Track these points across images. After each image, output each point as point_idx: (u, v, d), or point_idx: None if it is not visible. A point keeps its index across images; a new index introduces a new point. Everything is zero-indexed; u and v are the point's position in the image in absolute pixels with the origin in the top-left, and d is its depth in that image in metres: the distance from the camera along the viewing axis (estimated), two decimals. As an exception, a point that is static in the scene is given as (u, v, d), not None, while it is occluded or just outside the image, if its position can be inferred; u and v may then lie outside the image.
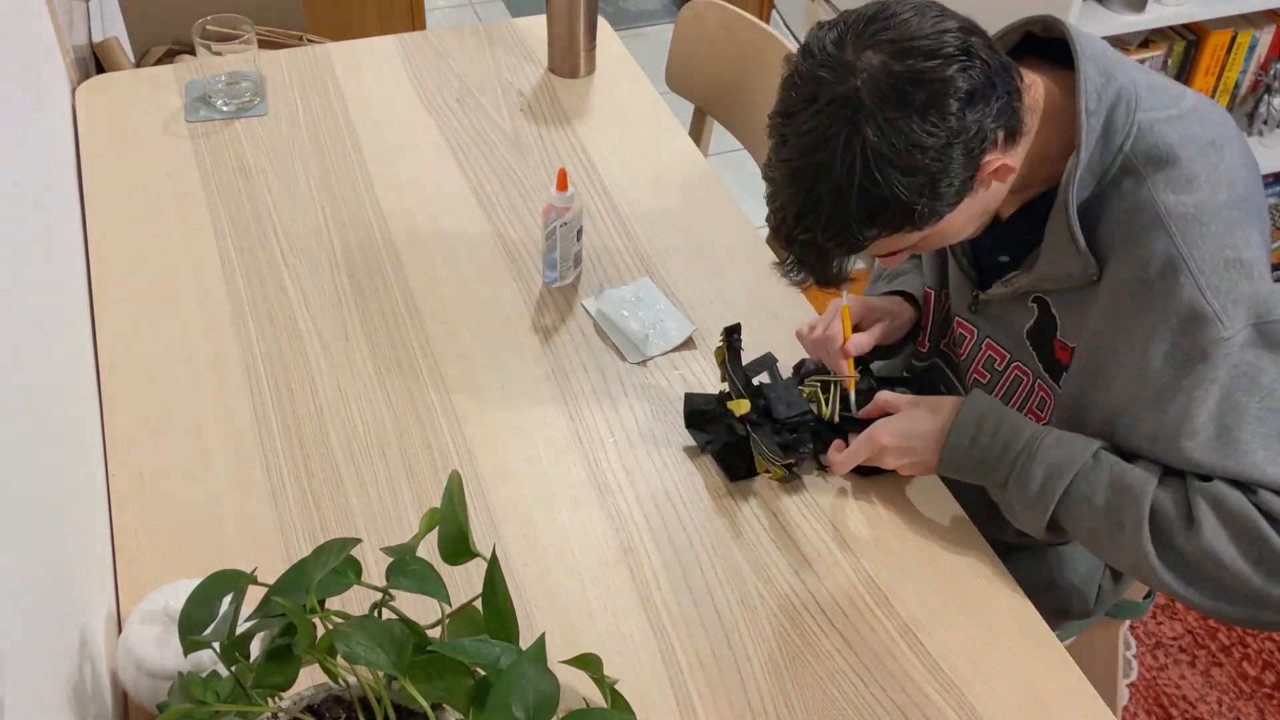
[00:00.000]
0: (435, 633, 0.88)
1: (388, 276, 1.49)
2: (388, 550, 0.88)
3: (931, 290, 1.35)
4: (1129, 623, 1.49)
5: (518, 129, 1.75)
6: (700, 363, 1.40)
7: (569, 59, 1.85)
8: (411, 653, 0.80)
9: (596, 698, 1.03)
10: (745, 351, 1.30)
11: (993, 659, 1.11)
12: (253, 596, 0.86)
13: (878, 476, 1.27)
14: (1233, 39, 2.35)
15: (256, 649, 0.89)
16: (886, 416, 1.22)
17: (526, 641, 0.83)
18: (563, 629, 1.12)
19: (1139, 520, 1.06)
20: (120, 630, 1.06)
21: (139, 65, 2.17)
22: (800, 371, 1.33)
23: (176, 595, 1.00)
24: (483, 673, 0.82)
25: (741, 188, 2.84)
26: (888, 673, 1.10)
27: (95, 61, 2.04)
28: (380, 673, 0.82)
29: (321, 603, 0.83)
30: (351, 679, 0.88)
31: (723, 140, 2.49)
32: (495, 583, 0.86)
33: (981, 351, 1.27)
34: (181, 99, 1.76)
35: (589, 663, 0.87)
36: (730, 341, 1.26)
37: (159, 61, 2.18)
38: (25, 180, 1.24)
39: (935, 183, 1.00)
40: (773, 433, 1.24)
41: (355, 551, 1.12)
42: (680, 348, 1.41)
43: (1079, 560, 1.35)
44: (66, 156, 1.59)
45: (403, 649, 0.79)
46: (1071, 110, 1.09)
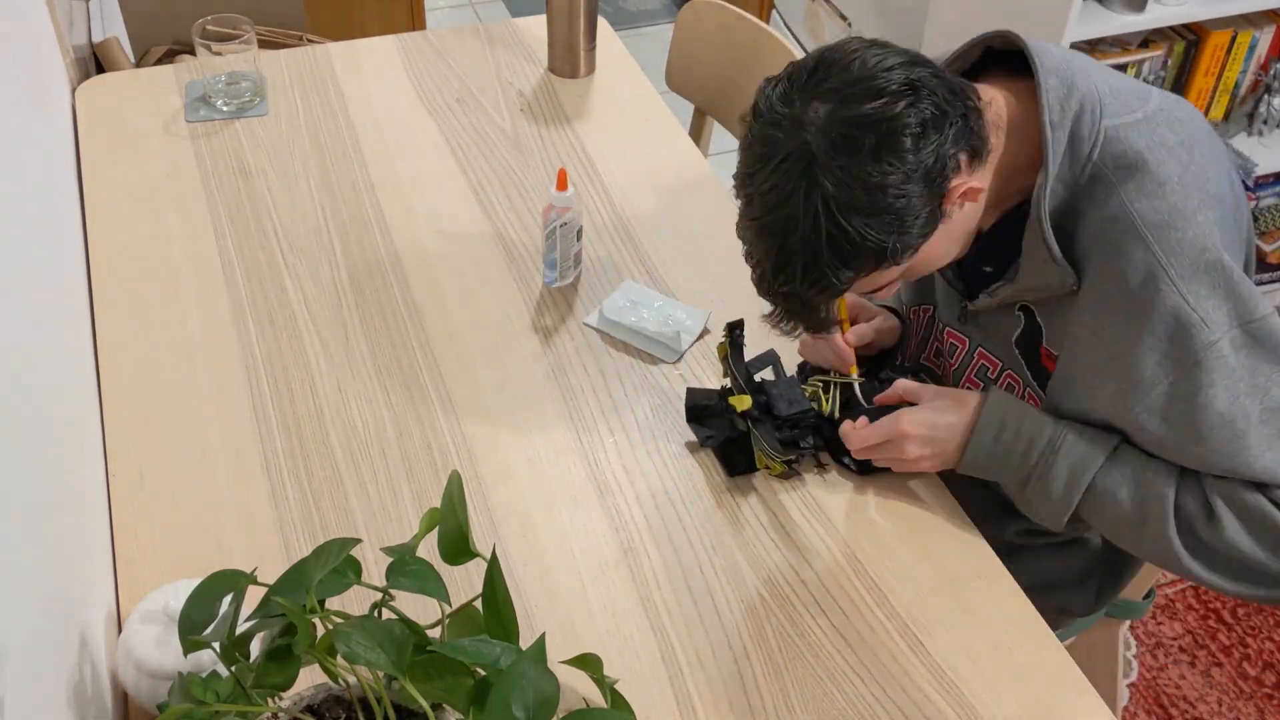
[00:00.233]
0: (435, 633, 0.88)
1: (388, 276, 1.49)
2: (388, 550, 0.88)
3: (913, 307, 1.35)
4: (1129, 623, 1.49)
5: (518, 129, 1.75)
6: (701, 362, 1.40)
7: (569, 59, 1.85)
8: (411, 653, 0.80)
9: (596, 698, 1.03)
10: (747, 349, 1.30)
11: (993, 659, 1.11)
12: (253, 596, 0.86)
13: (878, 475, 1.26)
14: (1233, 39, 2.35)
15: (256, 649, 0.89)
16: (907, 406, 1.21)
17: (526, 641, 0.83)
18: (563, 629, 1.12)
19: (1164, 515, 1.09)
20: (120, 630, 1.06)
21: (139, 65, 2.17)
22: (804, 371, 1.33)
23: (176, 595, 1.00)
24: (483, 673, 0.82)
25: (741, 188, 2.83)
26: (888, 673, 1.10)
27: (95, 61, 2.04)
28: (380, 673, 0.82)
29: (321, 603, 0.83)
30: (351, 679, 0.88)
31: (723, 140, 2.49)
32: (495, 583, 0.86)
33: (974, 361, 1.27)
34: (181, 99, 1.76)
35: (589, 663, 0.87)
36: (733, 337, 1.26)
37: (159, 61, 2.18)
38: (25, 180, 1.24)
39: (901, 219, 1.01)
40: (773, 429, 1.24)
41: (355, 551, 1.12)
42: (699, 336, 1.41)
43: (1078, 560, 1.35)
44: (66, 156, 1.59)
45: (403, 649, 0.79)
46: (1030, 116, 1.08)
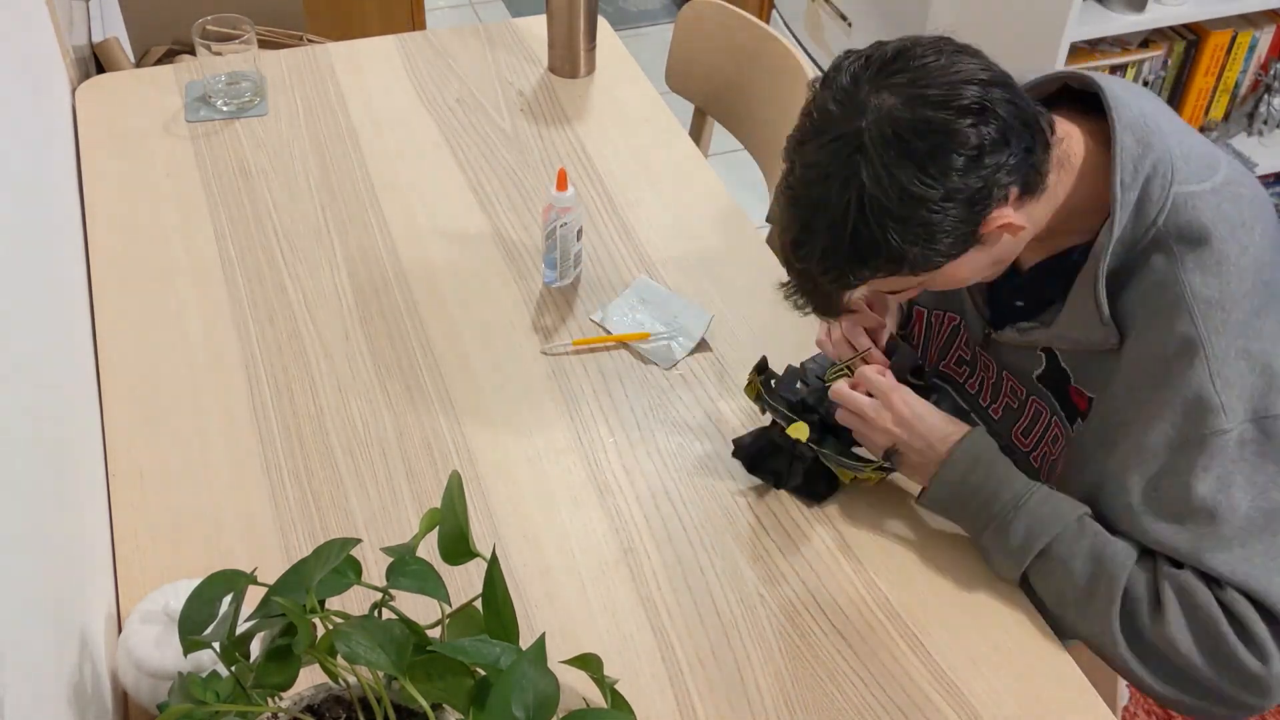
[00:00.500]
0: (435, 633, 0.88)
1: (388, 276, 1.49)
2: (388, 550, 0.88)
3: (924, 310, 1.34)
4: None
5: (518, 129, 1.75)
6: (701, 361, 1.39)
7: (569, 59, 1.85)
8: (411, 653, 0.80)
9: (596, 698, 1.03)
10: (746, 348, 1.30)
11: (993, 659, 1.11)
12: (253, 596, 0.86)
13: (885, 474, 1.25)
14: (1233, 39, 2.35)
15: (256, 649, 0.89)
16: (877, 402, 1.18)
17: (526, 641, 0.83)
18: (563, 629, 1.12)
19: (1111, 595, 1.07)
20: (120, 630, 1.06)
21: (139, 65, 2.17)
22: (804, 373, 1.32)
23: (176, 595, 1.00)
24: (483, 673, 0.82)
25: (741, 188, 2.84)
26: (888, 673, 1.10)
27: (95, 61, 2.04)
28: (380, 673, 0.82)
29: (321, 603, 0.83)
30: (351, 679, 0.88)
31: (723, 140, 2.49)
32: (495, 583, 0.86)
33: (1004, 384, 1.27)
34: (181, 99, 1.76)
35: (589, 663, 0.87)
36: (763, 378, 1.24)
37: (159, 61, 2.18)
38: (25, 180, 1.24)
39: (931, 234, 0.99)
40: (836, 440, 1.22)
41: (355, 551, 1.12)
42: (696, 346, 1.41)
43: None
44: (66, 156, 1.59)
45: (403, 649, 0.79)
46: (1106, 166, 1.06)
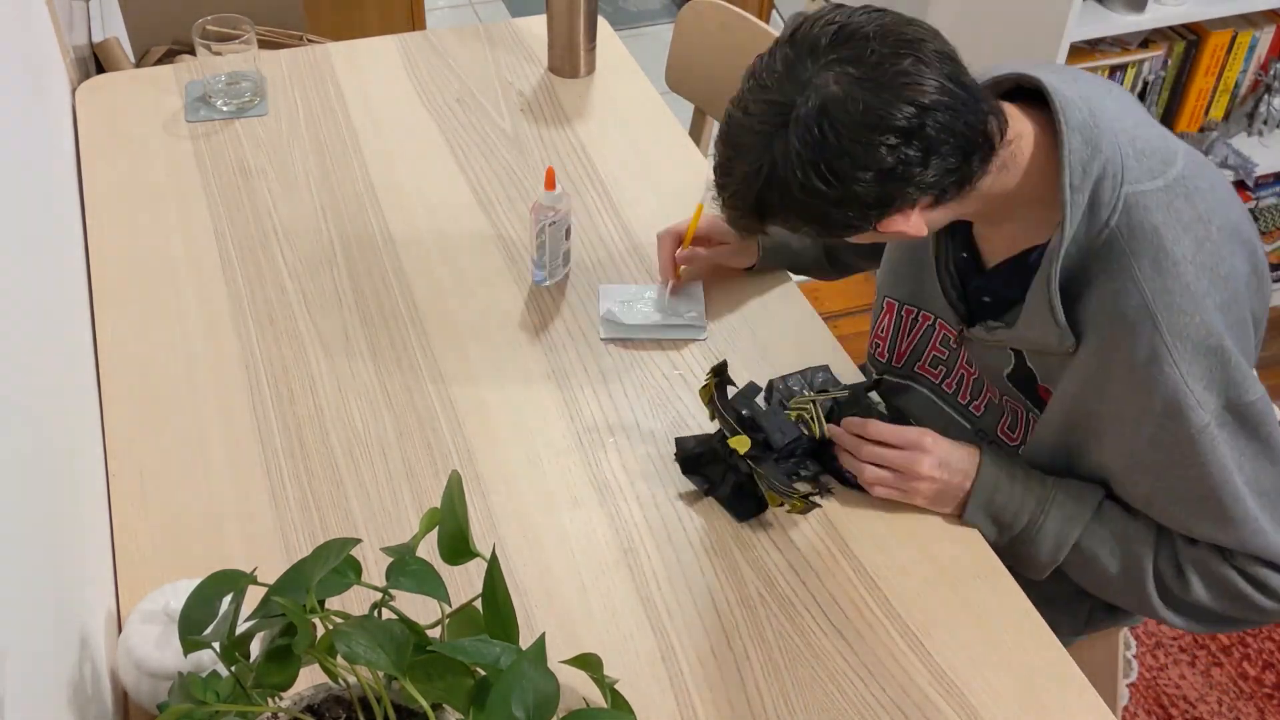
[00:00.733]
0: (435, 633, 0.88)
1: (388, 276, 1.49)
2: (388, 550, 0.88)
3: (895, 302, 1.34)
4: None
5: (518, 129, 1.75)
6: (701, 361, 1.39)
7: (569, 59, 1.85)
8: (411, 653, 0.80)
9: (596, 698, 1.03)
10: (746, 348, 1.30)
11: (993, 659, 1.11)
12: (253, 596, 0.86)
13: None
14: (1233, 39, 2.35)
15: (256, 649, 0.89)
16: (912, 452, 1.19)
17: (526, 641, 0.83)
18: (563, 629, 1.12)
19: (1143, 573, 1.15)
20: (120, 630, 1.06)
21: (139, 65, 2.17)
22: (774, 393, 1.31)
23: (176, 595, 1.00)
24: (483, 673, 0.82)
25: (741, 188, 2.83)
26: (888, 673, 1.10)
27: (95, 61, 2.04)
28: (380, 673, 0.82)
29: (321, 603, 0.83)
30: (351, 679, 0.88)
31: (723, 140, 2.49)
32: (495, 583, 0.86)
33: (983, 388, 1.28)
34: (181, 99, 1.76)
35: (589, 663, 0.87)
36: (719, 379, 1.24)
37: (159, 61, 2.18)
38: (25, 180, 1.24)
39: (823, 220, 1.04)
40: (774, 464, 1.22)
41: (355, 551, 1.12)
42: (682, 344, 1.41)
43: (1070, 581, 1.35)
44: (66, 156, 1.59)
45: (403, 649, 0.79)
46: (1051, 163, 1.07)
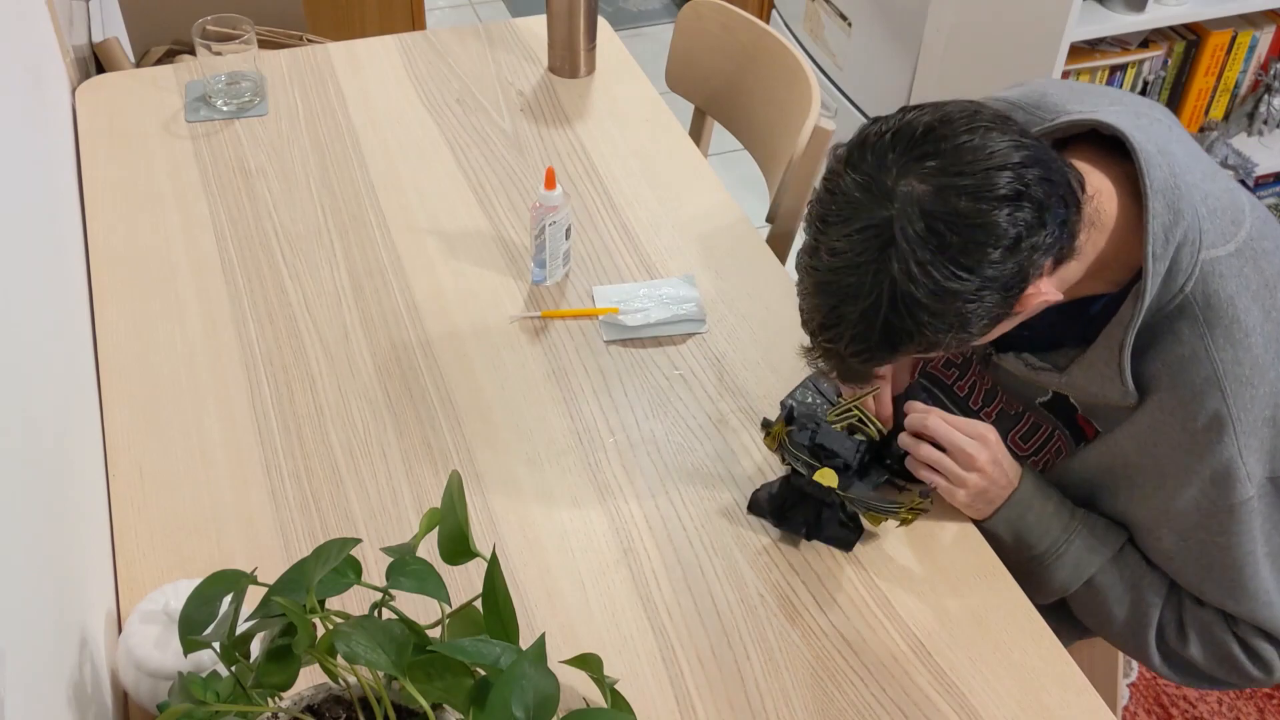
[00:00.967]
0: (435, 633, 0.88)
1: (387, 276, 1.49)
2: (388, 550, 0.88)
3: None
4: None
5: (518, 129, 1.75)
6: (701, 361, 1.39)
7: (569, 59, 1.85)
8: (411, 653, 0.80)
9: (596, 698, 1.03)
10: (746, 348, 1.29)
11: (993, 659, 1.11)
12: (253, 596, 0.86)
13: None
14: (1233, 39, 2.35)
15: (256, 649, 0.89)
16: (975, 441, 1.16)
17: (526, 641, 0.83)
18: (563, 629, 1.12)
19: (1147, 625, 1.17)
20: (120, 630, 1.06)
21: (139, 65, 2.17)
22: (796, 417, 1.22)
23: (176, 595, 1.00)
24: (483, 673, 0.82)
25: (741, 187, 2.84)
26: (888, 673, 1.10)
27: (95, 61, 2.04)
28: (380, 673, 0.82)
29: (321, 603, 0.83)
30: (351, 679, 0.88)
31: (723, 140, 2.49)
32: (495, 583, 0.86)
33: (996, 401, 1.28)
34: (181, 99, 1.76)
35: (589, 663, 0.87)
36: (790, 430, 1.19)
37: (159, 61, 2.18)
38: (25, 180, 1.24)
39: (965, 321, 0.96)
40: (860, 484, 1.19)
41: (355, 551, 1.12)
42: (679, 339, 1.41)
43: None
44: (66, 156, 1.59)
45: (403, 649, 0.79)
46: (1132, 226, 1.05)
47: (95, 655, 1.01)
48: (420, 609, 1.08)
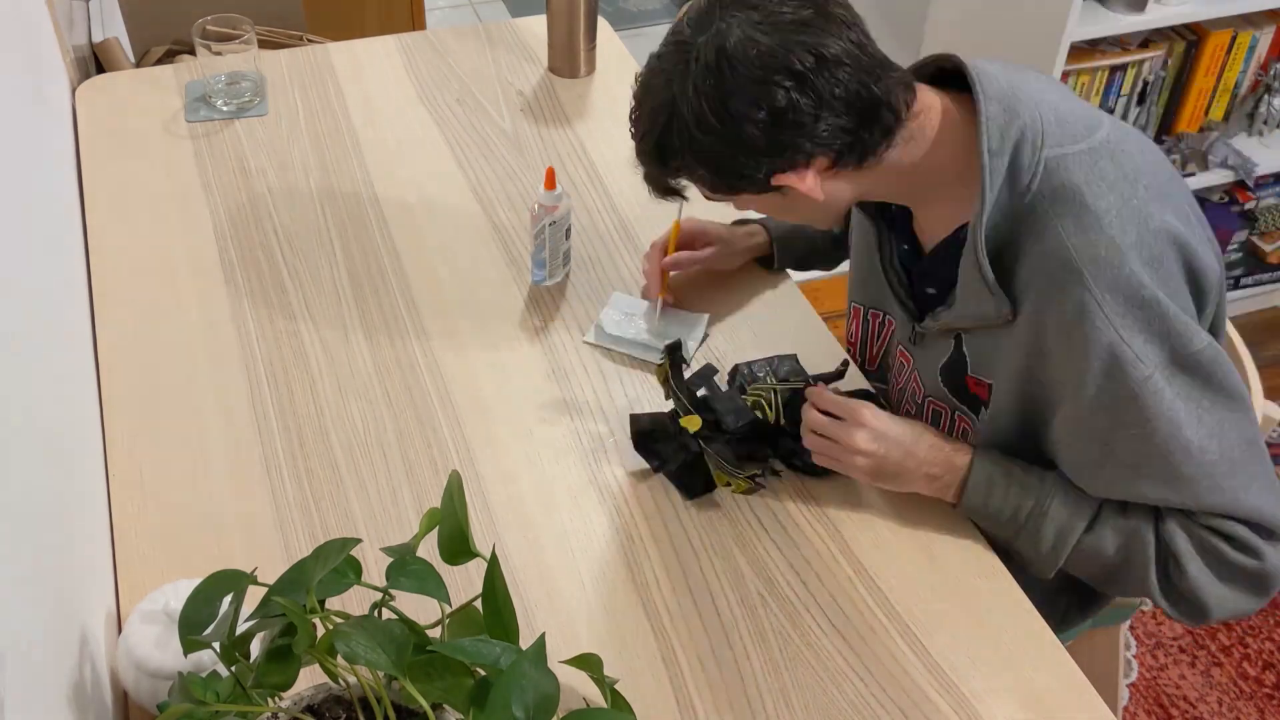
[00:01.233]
0: (435, 633, 0.88)
1: (387, 276, 1.49)
2: (388, 550, 0.88)
3: (860, 306, 1.33)
4: (1129, 623, 1.49)
5: (518, 129, 1.75)
6: (701, 363, 1.39)
7: (569, 59, 1.85)
8: (411, 653, 0.80)
9: (596, 698, 1.03)
10: (746, 348, 1.30)
11: (993, 659, 1.11)
12: (253, 596, 0.86)
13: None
14: (1233, 39, 2.35)
15: (256, 649, 0.89)
16: (846, 423, 1.17)
17: (526, 641, 0.83)
18: (563, 629, 1.12)
19: (1146, 565, 1.12)
20: (120, 630, 1.06)
21: (139, 65, 2.17)
22: (737, 377, 1.28)
23: (176, 595, 1.00)
24: (483, 673, 0.82)
25: (741, 188, 2.84)
26: (888, 673, 1.10)
27: (95, 61, 2.04)
28: (380, 673, 0.82)
29: (321, 603, 0.83)
30: (351, 679, 0.88)
31: (723, 140, 2.49)
32: (495, 583, 0.86)
33: (910, 384, 1.27)
34: (181, 99, 1.76)
35: (589, 663, 0.87)
36: (673, 359, 1.24)
37: (159, 61, 2.18)
38: (25, 180, 1.24)
39: (717, 163, 1.07)
40: (724, 444, 1.22)
41: (355, 551, 1.12)
42: (702, 341, 1.41)
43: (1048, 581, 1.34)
44: (66, 156, 1.59)
45: (403, 649, 0.79)
46: (970, 138, 1.07)
47: (95, 655, 1.01)
48: (420, 609, 1.08)
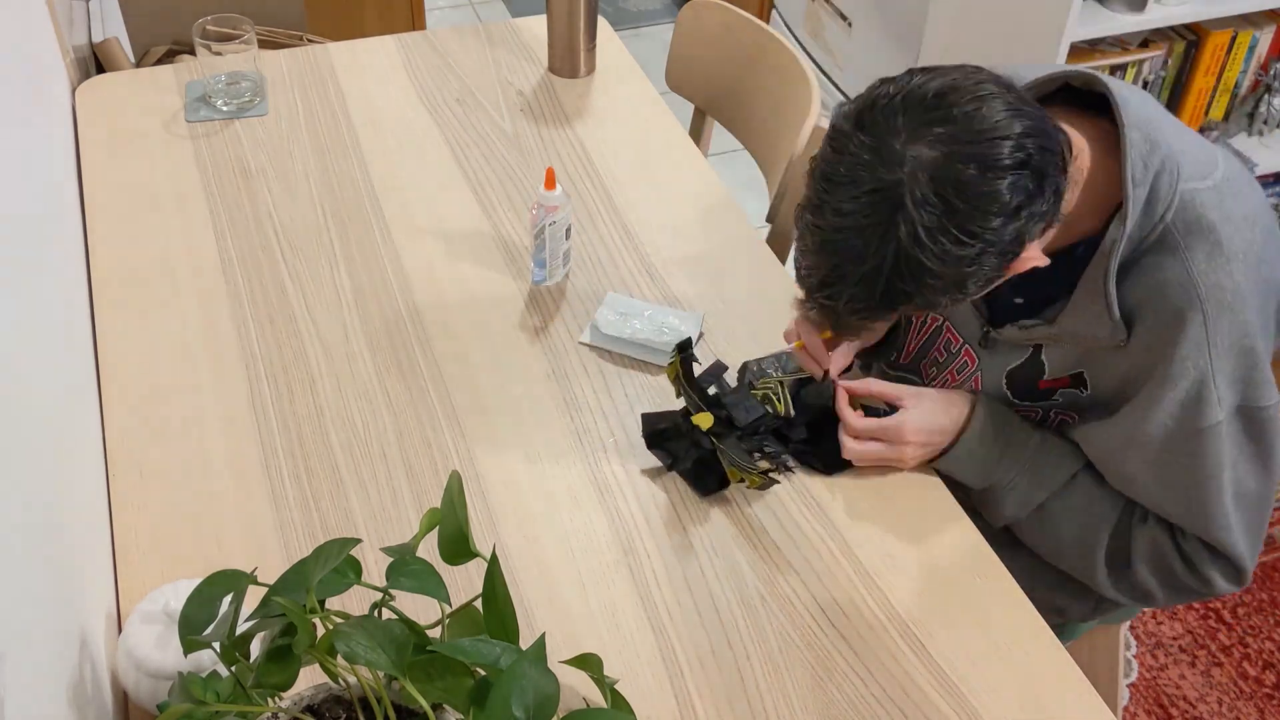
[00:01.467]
0: (435, 633, 0.88)
1: (387, 276, 1.49)
2: (388, 550, 0.88)
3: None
4: (1129, 623, 1.49)
5: (518, 129, 1.75)
6: (700, 360, 1.39)
7: (569, 59, 1.85)
8: (411, 653, 0.80)
9: (596, 698, 1.03)
10: (746, 348, 1.30)
11: (993, 659, 1.11)
12: (253, 596, 0.86)
13: (864, 473, 1.27)
14: (1233, 39, 2.35)
15: (256, 649, 0.89)
16: (898, 411, 1.22)
17: (526, 641, 0.83)
18: (563, 629, 1.12)
19: (1095, 551, 1.19)
20: (120, 630, 1.06)
21: (139, 65, 2.17)
22: (746, 374, 1.31)
23: (176, 595, 1.00)
24: (483, 673, 0.82)
25: (741, 187, 2.84)
26: (888, 673, 1.10)
27: (95, 61, 2.04)
28: (380, 673, 0.82)
29: (321, 603, 0.83)
30: (351, 679, 0.88)
31: (723, 140, 2.49)
32: (495, 583, 0.86)
33: (968, 384, 1.28)
34: (181, 99, 1.76)
35: (589, 663, 0.87)
36: (684, 357, 1.24)
37: (159, 61, 2.18)
38: (25, 180, 1.24)
39: (963, 285, 0.99)
40: (737, 441, 1.23)
41: (355, 551, 1.12)
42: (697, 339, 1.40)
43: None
44: (66, 157, 1.59)
45: (403, 649, 0.79)
46: (1109, 170, 1.07)
47: (95, 655, 1.01)
48: (420, 609, 1.08)
